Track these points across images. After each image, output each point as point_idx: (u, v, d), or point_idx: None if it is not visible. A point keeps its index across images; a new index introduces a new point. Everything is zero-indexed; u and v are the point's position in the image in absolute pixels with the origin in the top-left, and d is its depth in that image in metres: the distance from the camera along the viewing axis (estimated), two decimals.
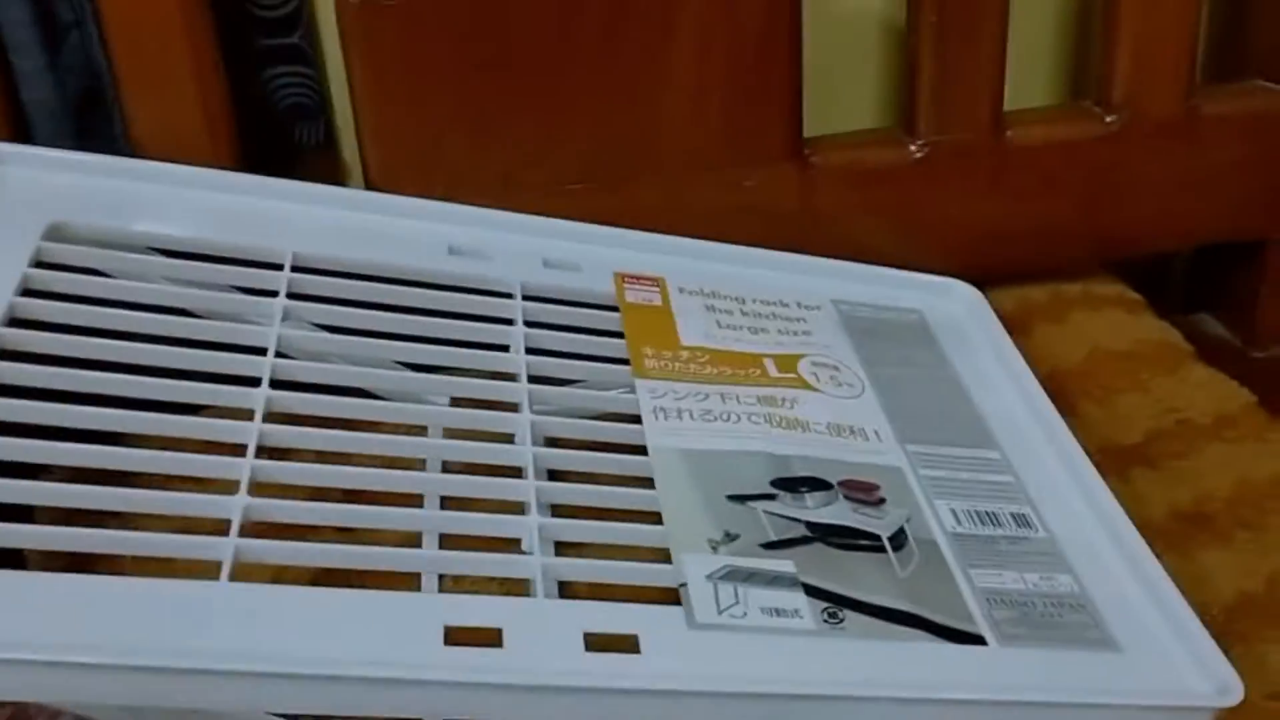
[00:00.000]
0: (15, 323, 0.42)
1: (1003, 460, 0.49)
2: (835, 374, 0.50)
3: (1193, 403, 0.57)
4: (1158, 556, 0.44)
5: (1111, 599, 0.43)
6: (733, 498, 0.43)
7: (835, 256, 0.57)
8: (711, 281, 0.54)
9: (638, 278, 0.53)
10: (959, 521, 0.45)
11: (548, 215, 0.54)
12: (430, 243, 0.51)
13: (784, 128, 0.59)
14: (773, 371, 0.49)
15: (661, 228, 0.55)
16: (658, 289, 0.53)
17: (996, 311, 0.58)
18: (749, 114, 0.59)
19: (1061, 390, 0.54)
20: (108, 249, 0.46)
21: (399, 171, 0.56)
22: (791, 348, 0.51)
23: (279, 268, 0.48)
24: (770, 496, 0.44)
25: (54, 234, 0.46)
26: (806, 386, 0.49)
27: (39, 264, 0.45)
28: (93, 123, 0.55)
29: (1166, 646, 0.42)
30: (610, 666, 0.36)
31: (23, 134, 0.54)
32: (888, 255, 0.58)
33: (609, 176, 0.58)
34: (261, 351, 0.44)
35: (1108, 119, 0.63)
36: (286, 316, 0.46)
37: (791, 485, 0.45)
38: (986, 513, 0.46)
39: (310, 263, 0.48)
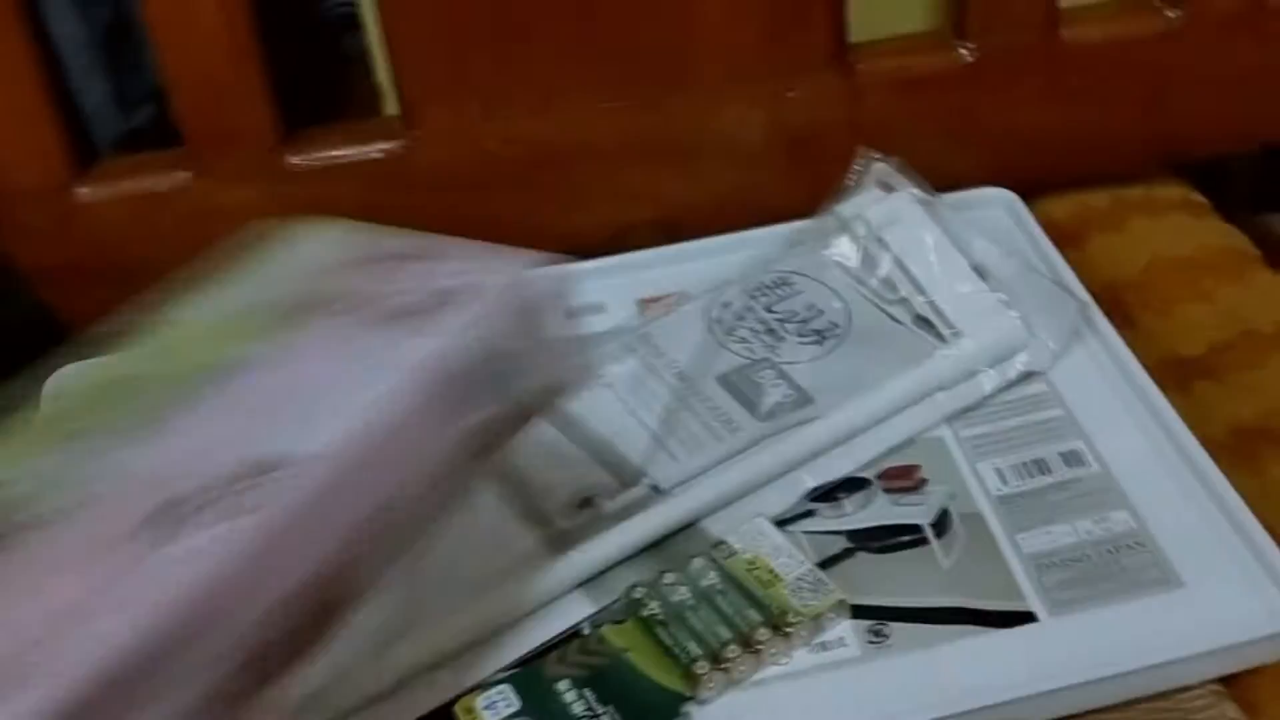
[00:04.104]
0: None
1: (1050, 392, 0.48)
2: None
3: (1259, 311, 0.53)
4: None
5: (1173, 528, 0.42)
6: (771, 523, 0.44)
7: None
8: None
9: (658, 299, 0.54)
10: (1004, 481, 0.44)
11: (584, 139, 0.54)
12: None
13: (826, 34, 0.56)
14: None
15: (702, 144, 0.55)
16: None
17: (1051, 221, 0.55)
18: (789, 20, 0.56)
19: (1120, 301, 0.52)
20: None
21: (431, 92, 0.55)
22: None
23: None
24: (808, 514, 0.44)
25: None
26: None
27: None
28: (123, 54, 0.54)
29: (1235, 572, 0.40)
30: None
31: (55, 69, 0.53)
32: (938, 166, 0.55)
33: (645, 93, 0.56)
34: None
35: (1169, 14, 0.57)
36: None
37: (829, 494, 0.45)
38: (1033, 461, 0.45)
39: None
